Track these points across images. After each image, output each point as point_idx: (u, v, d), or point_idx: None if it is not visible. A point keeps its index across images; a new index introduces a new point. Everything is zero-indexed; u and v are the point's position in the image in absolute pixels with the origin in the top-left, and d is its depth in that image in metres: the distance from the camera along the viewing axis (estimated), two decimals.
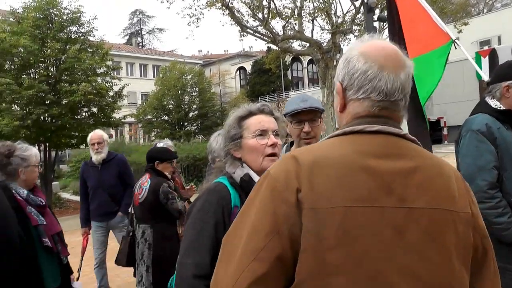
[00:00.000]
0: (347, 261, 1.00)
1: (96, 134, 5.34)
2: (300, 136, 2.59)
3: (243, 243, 1.07)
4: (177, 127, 32.69)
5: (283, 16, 21.45)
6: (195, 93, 34.04)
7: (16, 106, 15.94)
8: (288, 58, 26.60)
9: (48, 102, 16.28)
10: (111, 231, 5.45)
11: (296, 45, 23.56)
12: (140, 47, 54.99)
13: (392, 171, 1.09)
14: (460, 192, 1.15)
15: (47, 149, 16.77)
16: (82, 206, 5.49)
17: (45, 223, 2.95)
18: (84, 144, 19.81)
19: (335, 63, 20.48)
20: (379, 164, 1.09)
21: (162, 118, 32.82)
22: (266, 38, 21.50)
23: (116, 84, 19.77)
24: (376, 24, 14.40)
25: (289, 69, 48.79)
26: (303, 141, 2.56)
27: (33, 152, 3.08)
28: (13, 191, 2.84)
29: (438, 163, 1.17)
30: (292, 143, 2.83)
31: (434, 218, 1.07)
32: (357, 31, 21.27)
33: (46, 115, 16.06)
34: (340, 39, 21.63)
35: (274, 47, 22.55)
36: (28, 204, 2.90)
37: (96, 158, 5.25)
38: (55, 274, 2.99)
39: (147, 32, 62.70)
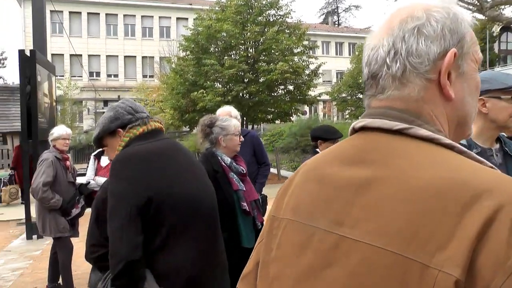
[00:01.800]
0: (278, 278, 0.89)
1: (224, 110, 5.14)
2: None
3: None
4: None
5: None
6: None
7: (218, 84, 18.06)
8: (496, 29, 23.39)
9: (247, 80, 17.96)
10: None
11: (508, 11, 20.75)
12: (336, 25, 55.34)
13: (343, 183, 0.82)
14: (464, 235, 0.62)
15: (245, 123, 18.43)
16: None
17: (244, 189, 3.41)
18: (279, 119, 21.19)
19: None
20: (337, 172, 0.85)
21: (357, 97, 32.67)
22: (471, 7, 19.42)
23: (312, 63, 20.45)
24: None
25: (497, 41, 43.13)
26: None
27: (232, 122, 3.46)
28: (219, 157, 3.39)
29: (428, 180, 0.70)
30: None
31: (369, 260, 0.71)
32: None
33: (244, 92, 17.78)
34: None
35: (480, 16, 20.19)
36: (231, 170, 3.40)
37: None
38: (250, 236, 3.39)
39: (343, 10, 63.04)
